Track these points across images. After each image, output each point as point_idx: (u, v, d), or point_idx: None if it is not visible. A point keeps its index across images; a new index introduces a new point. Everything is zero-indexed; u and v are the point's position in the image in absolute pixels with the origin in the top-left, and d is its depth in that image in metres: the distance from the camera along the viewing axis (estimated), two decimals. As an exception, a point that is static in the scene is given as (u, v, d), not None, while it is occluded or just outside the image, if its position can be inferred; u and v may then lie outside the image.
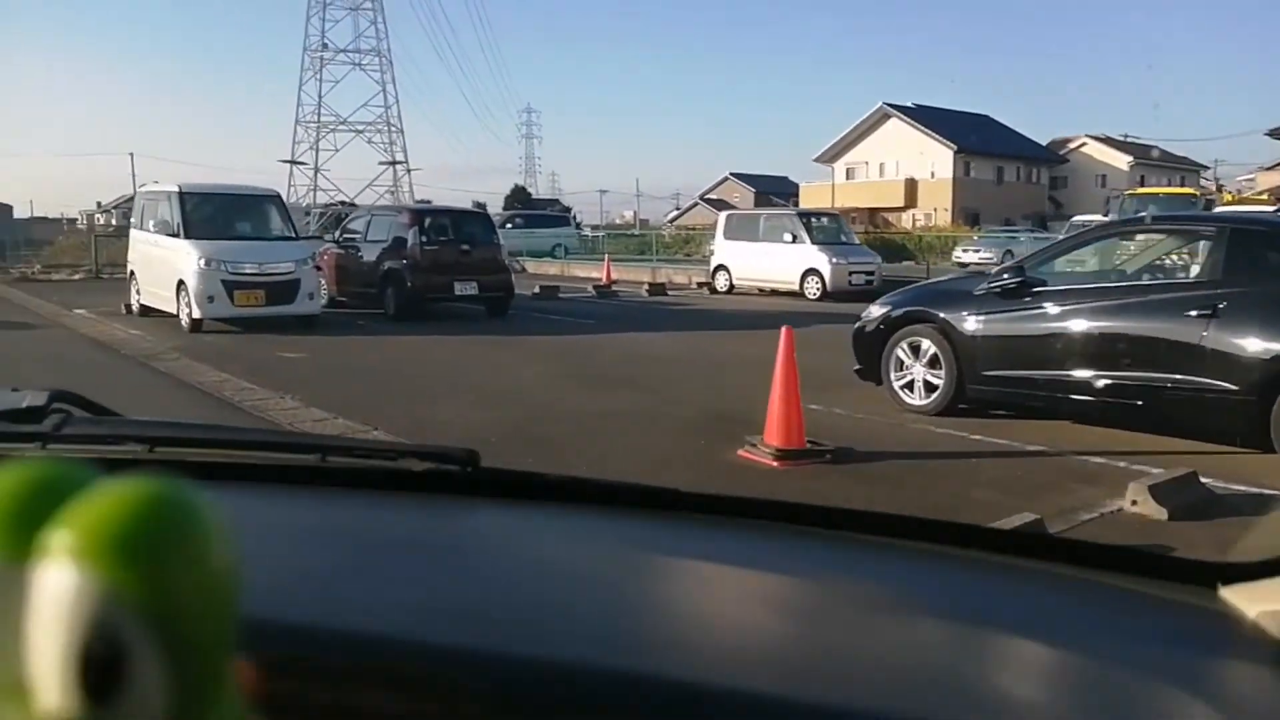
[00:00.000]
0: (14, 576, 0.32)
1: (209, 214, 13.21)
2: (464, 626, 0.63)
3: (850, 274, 18.05)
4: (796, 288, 18.26)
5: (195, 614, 0.32)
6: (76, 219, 69.68)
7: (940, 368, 6.87)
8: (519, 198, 67.14)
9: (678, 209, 78.22)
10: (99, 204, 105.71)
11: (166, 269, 12.74)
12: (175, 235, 12.61)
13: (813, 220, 19.38)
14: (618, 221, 78.77)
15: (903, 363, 7.14)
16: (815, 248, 18.23)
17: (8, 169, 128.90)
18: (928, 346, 6.95)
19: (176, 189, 12.99)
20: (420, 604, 0.68)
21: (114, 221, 57.59)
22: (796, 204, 45.67)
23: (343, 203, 49.15)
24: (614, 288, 20.37)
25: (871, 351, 7.32)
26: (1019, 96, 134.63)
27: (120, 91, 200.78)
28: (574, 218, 45.45)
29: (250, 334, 12.04)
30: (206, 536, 0.33)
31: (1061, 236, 11.37)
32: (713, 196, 70.39)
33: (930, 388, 6.96)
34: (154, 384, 8.66)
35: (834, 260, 18.03)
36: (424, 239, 13.90)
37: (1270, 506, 3.81)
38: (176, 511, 0.33)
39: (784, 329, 5.81)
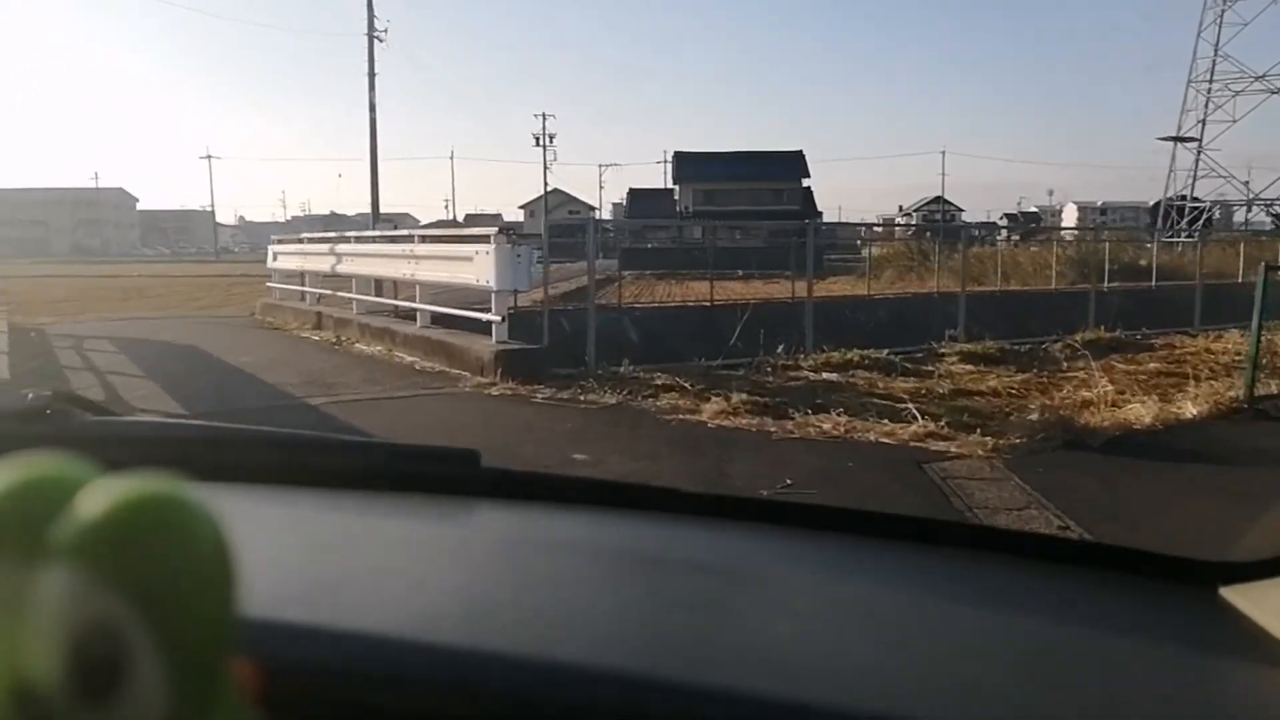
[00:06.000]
0: (13, 576, 0.30)
1: None
2: (465, 627, 0.58)
3: None
4: None
5: (195, 614, 0.31)
6: (875, 223, 57.49)
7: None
8: None
9: None
10: (900, 208, 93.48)
11: None
12: None
13: None
14: None
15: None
16: None
17: (828, 176, 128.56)
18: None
19: None
20: (421, 605, 0.62)
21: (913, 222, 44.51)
22: None
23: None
24: None
25: None
26: None
27: (933, 82, 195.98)
28: None
29: None
30: (206, 536, 0.31)
31: None
32: None
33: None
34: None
35: None
36: None
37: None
38: (176, 511, 0.31)
39: None
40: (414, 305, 9.27)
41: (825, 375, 7.64)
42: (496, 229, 7.70)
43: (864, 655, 0.62)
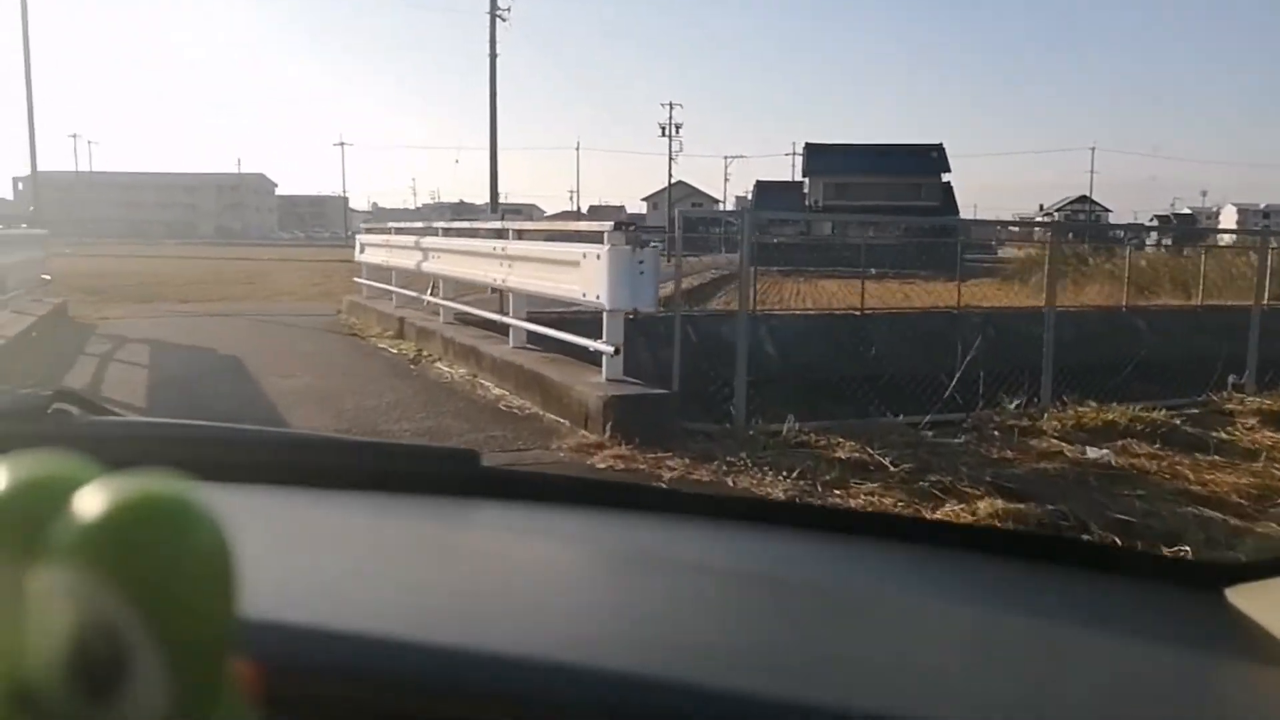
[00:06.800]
0: (13, 575, 0.30)
1: None
2: (465, 627, 0.58)
3: None
4: None
5: (195, 613, 0.30)
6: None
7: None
8: None
9: None
10: (1041, 207, 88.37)
11: None
12: None
13: None
14: None
15: None
16: None
17: (962, 172, 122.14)
18: None
19: None
20: (420, 605, 0.63)
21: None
22: None
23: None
24: None
25: None
26: None
27: (1076, 77, 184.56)
28: None
29: None
30: (206, 536, 0.31)
31: None
32: None
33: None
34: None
35: None
36: None
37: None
38: (176, 511, 0.31)
39: None
40: (506, 319, 7.12)
41: (1088, 450, 5.09)
42: (613, 224, 5.44)
43: (865, 655, 0.61)
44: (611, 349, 5.37)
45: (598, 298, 5.36)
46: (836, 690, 0.52)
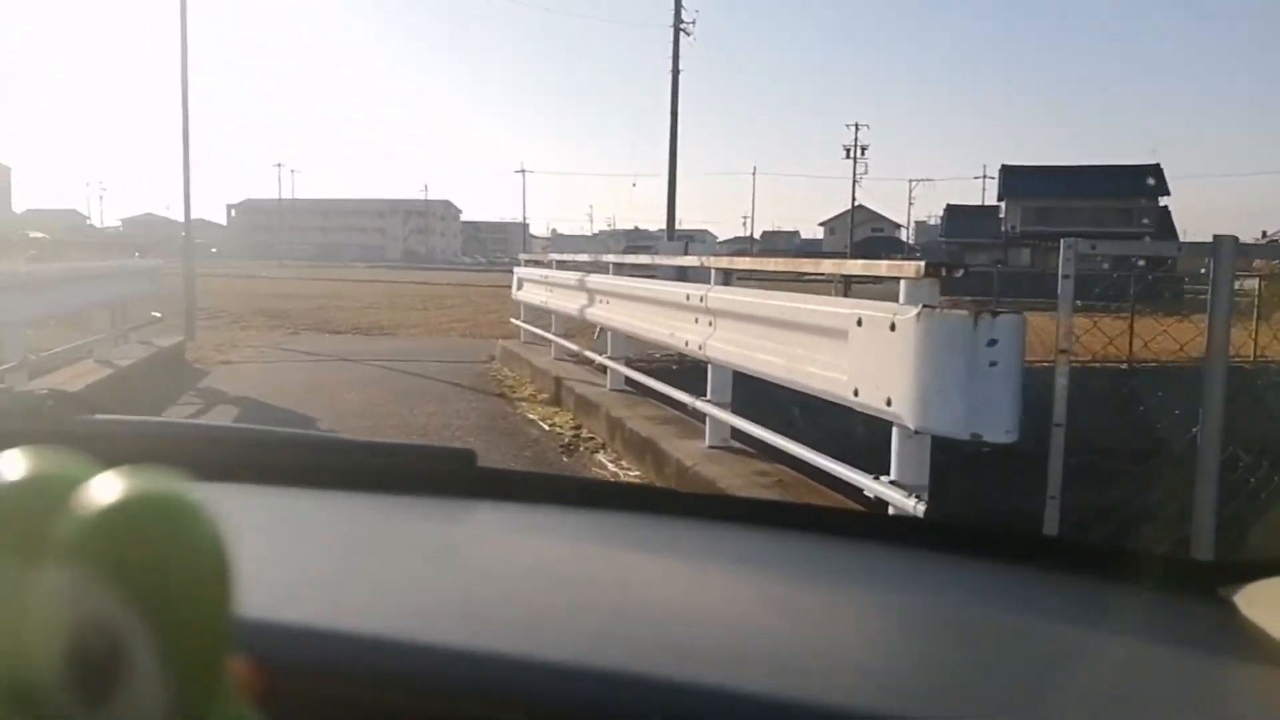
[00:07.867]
0: (11, 573, 0.30)
1: None
2: (463, 627, 0.57)
3: None
4: None
5: (192, 612, 0.30)
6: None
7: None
8: None
9: None
10: (1264, 233, 79.26)
11: None
12: None
13: None
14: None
15: None
16: None
17: (1180, 193, 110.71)
18: None
19: None
20: (418, 604, 0.62)
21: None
22: None
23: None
24: None
25: None
26: None
27: None
28: None
29: None
30: (203, 535, 0.31)
31: None
32: None
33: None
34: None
35: None
36: None
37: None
38: (173, 509, 0.31)
39: None
40: (699, 404, 4.70)
41: None
42: (921, 265, 2.93)
43: (867, 655, 0.60)
44: (911, 499, 2.85)
45: (889, 403, 2.85)
46: (839, 690, 0.52)
